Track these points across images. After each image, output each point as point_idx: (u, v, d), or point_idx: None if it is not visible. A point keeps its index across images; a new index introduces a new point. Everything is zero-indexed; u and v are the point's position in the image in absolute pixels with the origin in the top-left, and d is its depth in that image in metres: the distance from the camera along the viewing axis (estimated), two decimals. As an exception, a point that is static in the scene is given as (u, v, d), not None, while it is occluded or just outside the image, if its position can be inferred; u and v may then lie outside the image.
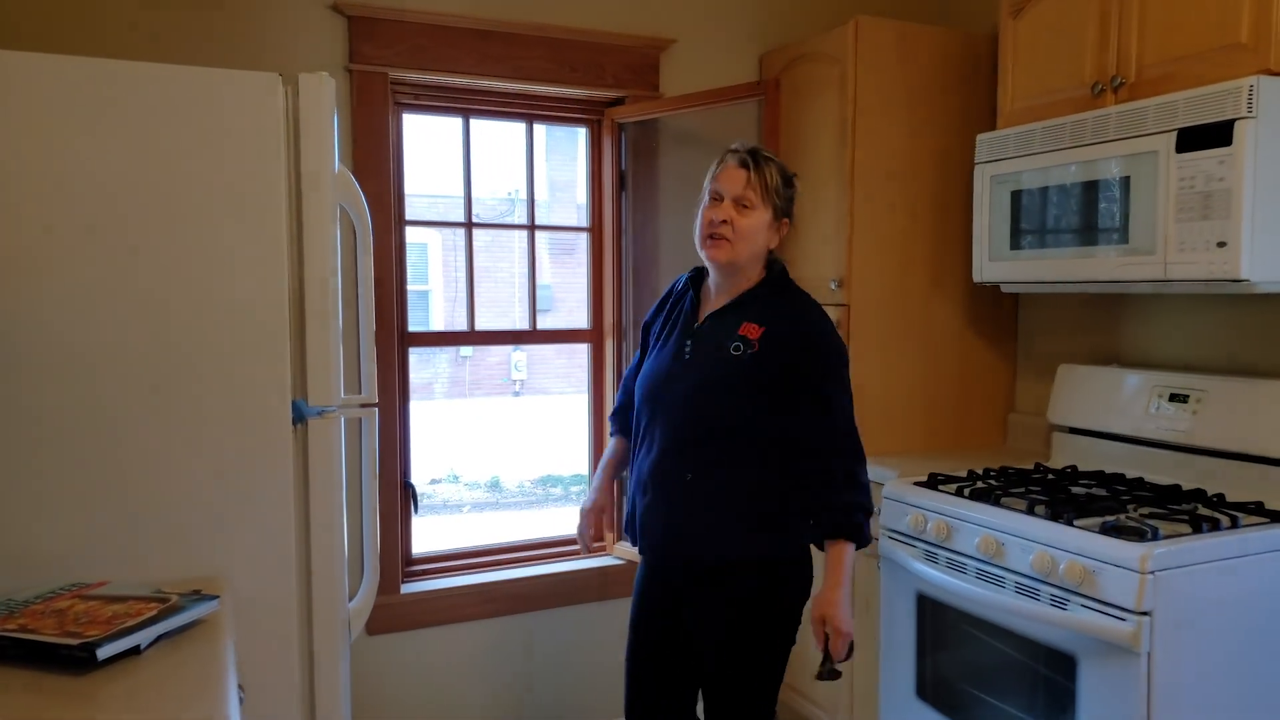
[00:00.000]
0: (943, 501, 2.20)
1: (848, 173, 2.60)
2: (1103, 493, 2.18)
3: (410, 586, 2.72)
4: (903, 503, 2.29)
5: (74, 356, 1.63)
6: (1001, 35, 2.49)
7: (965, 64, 2.72)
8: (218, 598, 1.50)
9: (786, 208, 1.92)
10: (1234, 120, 1.86)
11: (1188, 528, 1.87)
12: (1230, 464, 2.16)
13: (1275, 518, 1.94)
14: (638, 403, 1.98)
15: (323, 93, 1.80)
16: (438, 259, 11.56)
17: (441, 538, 3.96)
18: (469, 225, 2.92)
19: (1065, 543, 1.87)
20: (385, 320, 2.58)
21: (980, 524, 2.07)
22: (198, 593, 1.50)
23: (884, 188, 2.64)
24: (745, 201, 1.85)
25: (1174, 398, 2.28)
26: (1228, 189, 1.88)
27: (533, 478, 9.06)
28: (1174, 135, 1.98)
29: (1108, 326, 2.61)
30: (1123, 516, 1.95)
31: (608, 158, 2.94)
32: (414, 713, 2.71)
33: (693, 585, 1.90)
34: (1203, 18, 1.98)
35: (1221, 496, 2.08)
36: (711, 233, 1.86)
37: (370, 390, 2.09)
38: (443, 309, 11.49)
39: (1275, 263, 1.91)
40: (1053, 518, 1.97)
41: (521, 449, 9.62)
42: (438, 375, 11.64)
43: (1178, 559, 1.76)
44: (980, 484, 2.27)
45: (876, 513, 1.94)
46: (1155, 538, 1.80)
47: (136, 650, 1.34)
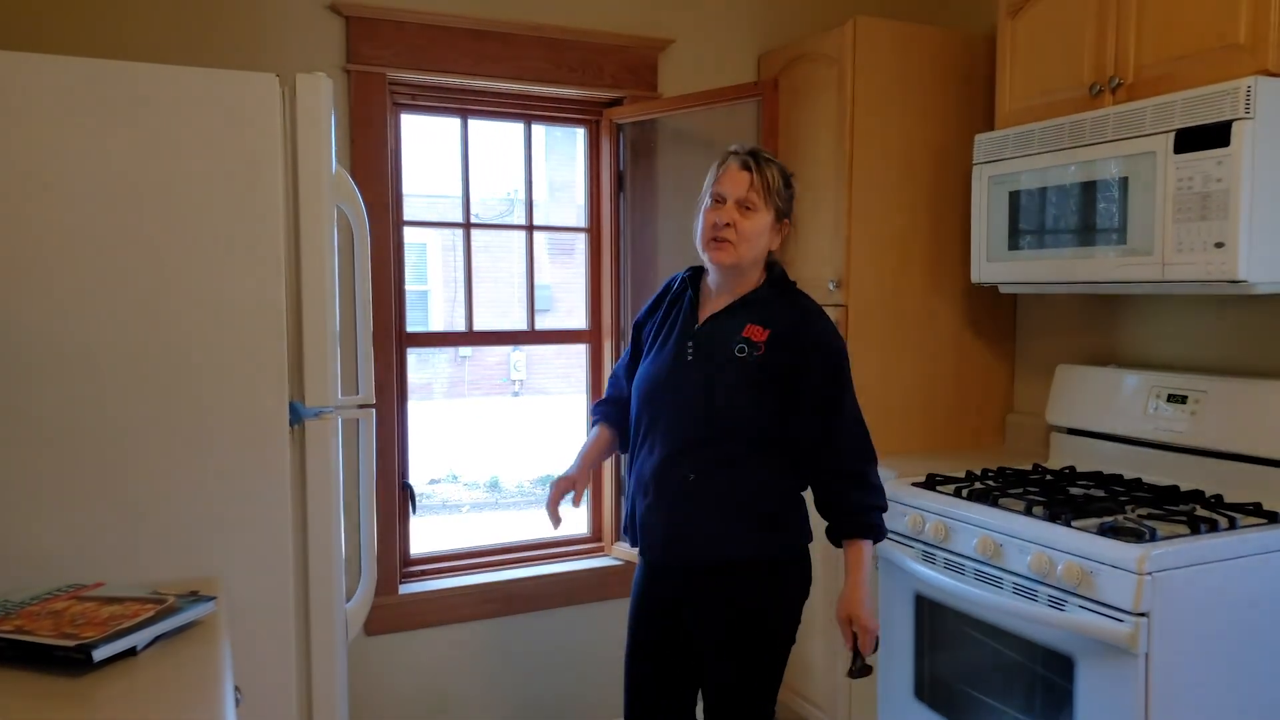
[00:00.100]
0: (941, 502, 2.20)
1: (846, 173, 2.60)
2: (1101, 494, 2.17)
3: (408, 587, 2.72)
4: (901, 503, 2.29)
5: (69, 357, 1.62)
6: (1000, 35, 2.49)
7: (963, 64, 2.72)
8: (214, 599, 1.50)
9: (787, 209, 1.91)
10: (1231, 121, 1.86)
11: (1186, 529, 1.87)
12: (1228, 465, 2.16)
13: (1273, 519, 1.94)
14: (636, 405, 1.97)
15: (320, 93, 1.80)
16: (436, 259, 11.55)
17: (440, 538, 3.96)
18: (467, 225, 2.92)
19: (1063, 544, 1.87)
20: (383, 321, 2.58)
21: (978, 525, 2.07)
22: (195, 594, 1.50)
23: (882, 188, 2.64)
24: (748, 204, 1.85)
25: (1172, 398, 2.28)
26: (1225, 190, 1.88)
27: (532, 478, 9.06)
28: (1172, 136, 1.98)
29: (1106, 327, 2.61)
30: (1121, 517, 1.95)
31: (606, 158, 2.94)
32: (412, 713, 2.71)
33: (693, 586, 1.90)
34: (1200, 18, 1.98)
35: (1220, 497, 2.08)
36: (715, 235, 1.85)
37: (367, 391, 2.08)
38: (441, 309, 11.49)
39: (1273, 263, 1.91)
40: (1051, 519, 1.97)
41: (520, 449, 9.62)
42: (437, 375, 11.63)
43: (1176, 560, 1.76)
44: (978, 485, 2.27)
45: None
46: (1153, 539, 1.80)
47: (133, 652, 1.33)
